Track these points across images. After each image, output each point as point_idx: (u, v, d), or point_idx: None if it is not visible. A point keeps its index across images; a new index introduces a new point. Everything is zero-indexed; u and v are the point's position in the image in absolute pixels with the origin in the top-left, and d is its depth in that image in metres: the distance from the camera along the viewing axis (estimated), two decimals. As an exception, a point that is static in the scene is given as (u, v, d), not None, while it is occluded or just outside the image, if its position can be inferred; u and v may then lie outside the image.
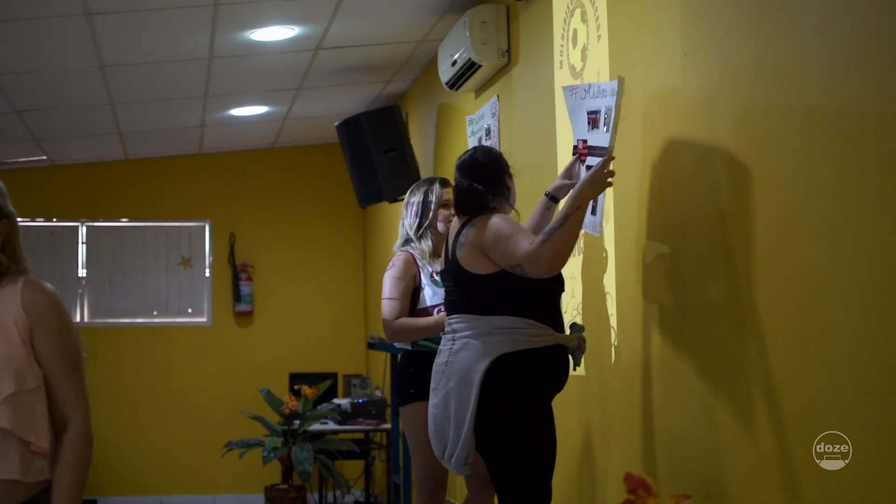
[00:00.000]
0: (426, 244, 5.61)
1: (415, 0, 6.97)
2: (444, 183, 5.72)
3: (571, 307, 5.28)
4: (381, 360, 9.91)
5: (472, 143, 7.22)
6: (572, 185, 4.48)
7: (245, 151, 11.72)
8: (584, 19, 5.21)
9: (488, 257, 4.19)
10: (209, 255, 11.71)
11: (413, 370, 5.49)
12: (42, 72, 8.05)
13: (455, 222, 4.43)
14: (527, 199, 6.04)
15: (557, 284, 4.30)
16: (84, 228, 11.51)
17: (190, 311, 11.67)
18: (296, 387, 9.32)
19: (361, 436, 9.84)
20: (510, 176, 4.52)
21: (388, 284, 5.56)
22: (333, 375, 10.39)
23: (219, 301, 11.66)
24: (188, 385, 11.47)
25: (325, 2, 6.81)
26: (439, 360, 4.30)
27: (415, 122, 9.23)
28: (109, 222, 11.56)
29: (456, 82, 7.10)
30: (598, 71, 5.04)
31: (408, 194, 5.80)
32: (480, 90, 7.15)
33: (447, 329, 4.34)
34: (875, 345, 2.95)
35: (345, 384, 10.64)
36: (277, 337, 11.66)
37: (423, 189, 5.71)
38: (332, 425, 9.42)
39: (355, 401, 9.58)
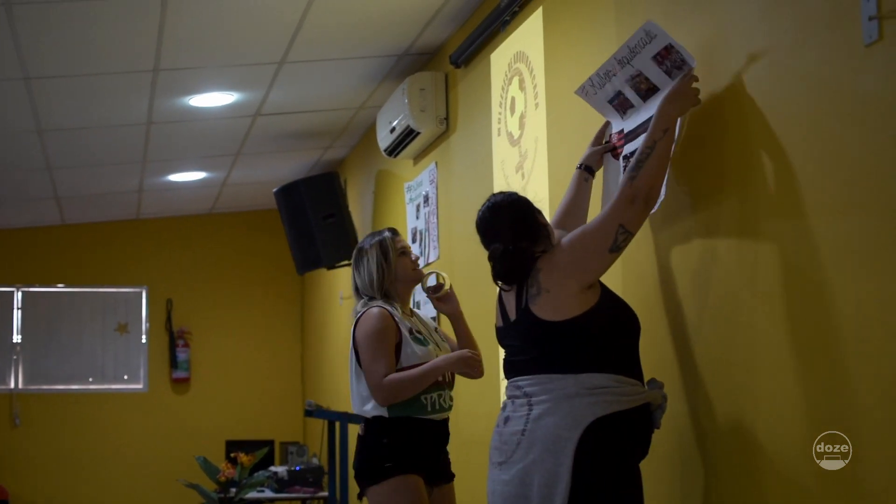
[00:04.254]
0: (394, 299, 4.92)
1: (354, 67, 7.01)
2: (393, 232, 5.05)
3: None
4: (319, 428, 9.84)
5: (409, 209, 7.23)
6: (604, 150, 4.07)
7: (183, 217, 11.69)
8: (521, 87, 5.26)
9: (578, 279, 3.59)
10: (146, 322, 11.63)
11: (388, 440, 4.78)
12: (-22, 136, 8.01)
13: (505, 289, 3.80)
14: (463, 267, 6.05)
15: (637, 324, 3.71)
16: (19, 293, 11.40)
17: (126, 377, 11.56)
18: (232, 454, 9.24)
19: (299, 503, 9.75)
20: (539, 212, 3.81)
21: (369, 345, 4.77)
22: (270, 443, 10.32)
23: (155, 367, 11.56)
24: (124, 452, 11.34)
25: (264, 68, 6.84)
26: (510, 429, 3.63)
27: (353, 188, 9.24)
28: (45, 287, 11.46)
29: (395, 149, 7.12)
30: (536, 139, 5.07)
31: (356, 254, 5.04)
32: (419, 157, 7.17)
33: (515, 393, 3.67)
34: (876, 344, 2.93)
35: (282, 451, 10.56)
36: (214, 404, 11.57)
37: (375, 242, 4.96)
38: (268, 493, 9.33)
39: (292, 468, 9.48)
